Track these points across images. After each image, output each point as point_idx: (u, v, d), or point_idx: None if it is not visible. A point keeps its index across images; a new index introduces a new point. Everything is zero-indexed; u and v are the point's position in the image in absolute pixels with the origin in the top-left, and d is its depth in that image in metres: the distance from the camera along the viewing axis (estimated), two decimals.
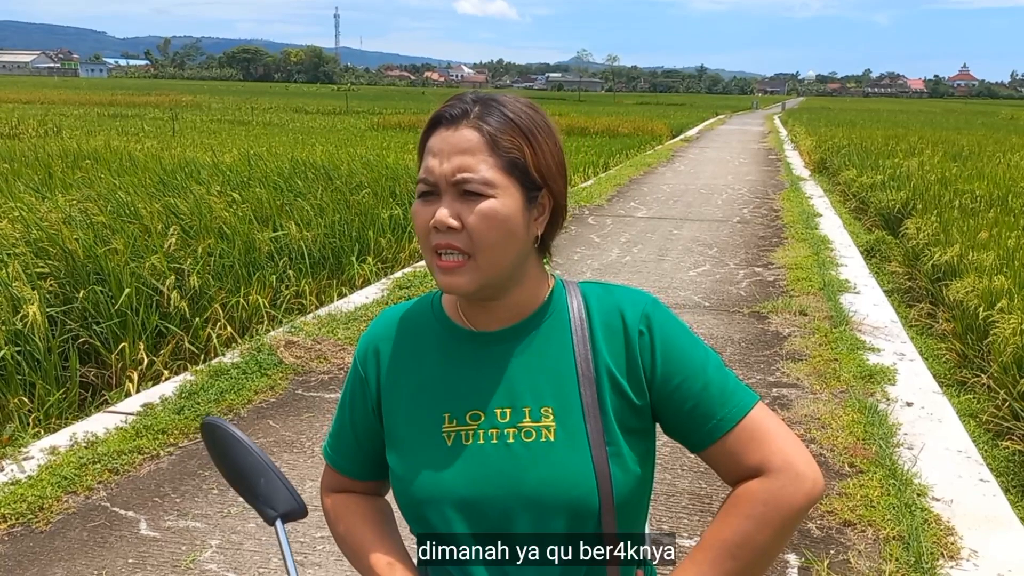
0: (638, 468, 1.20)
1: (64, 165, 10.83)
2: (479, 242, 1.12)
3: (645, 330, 1.19)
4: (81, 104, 41.43)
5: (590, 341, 1.20)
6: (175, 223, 6.80)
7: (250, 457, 1.23)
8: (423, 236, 1.16)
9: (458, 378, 1.22)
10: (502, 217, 1.12)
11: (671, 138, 30.52)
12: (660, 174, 17.51)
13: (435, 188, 1.14)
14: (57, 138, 19.24)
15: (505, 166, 1.13)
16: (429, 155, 1.15)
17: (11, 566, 3.05)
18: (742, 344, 5.78)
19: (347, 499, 1.34)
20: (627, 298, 1.23)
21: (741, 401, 1.19)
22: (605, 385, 1.18)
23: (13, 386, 4.83)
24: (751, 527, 1.12)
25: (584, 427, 1.16)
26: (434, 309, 1.28)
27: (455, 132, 1.14)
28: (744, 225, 11.05)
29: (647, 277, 7.86)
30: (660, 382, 1.18)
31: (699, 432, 1.19)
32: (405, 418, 1.24)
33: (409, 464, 1.21)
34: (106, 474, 3.75)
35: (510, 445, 1.17)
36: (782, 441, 1.16)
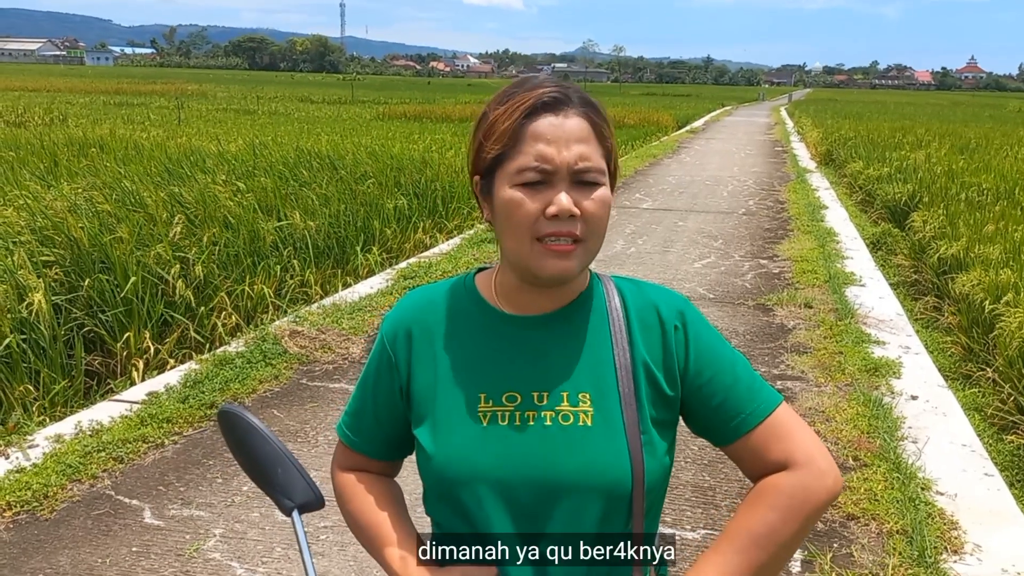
0: (666, 458, 1.22)
1: (70, 153, 10.84)
2: (593, 228, 1.14)
3: (680, 326, 1.23)
4: (87, 92, 41.45)
5: (627, 333, 1.22)
6: (180, 212, 6.80)
7: (267, 446, 1.22)
8: (526, 224, 1.13)
9: (495, 360, 1.23)
10: (609, 204, 1.16)
11: (677, 129, 30.43)
12: (665, 165, 17.47)
13: (549, 176, 1.13)
14: (63, 126, 19.25)
15: (606, 156, 1.17)
16: (539, 142, 1.13)
17: (16, 553, 3.06)
18: (747, 336, 5.77)
19: (359, 478, 1.34)
20: (661, 295, 1.26)
21: (767, 399, 1.22)
22: (641, 376, 1.21)
23: (19, 374, 4.84)
24: (776, 518, 1.15)
25: (621, 414, 1.18)
26: (468, 291, 1.29)
27: (565, 119, 1.14)
28: (750, 217, 11.02)
29: (652, 269, 7.84)
30: (692, 376, 1.22)
31: (726, 427, 1.22)
32: (439, 399, 1.24)
33: (442, 444, 1.21)
34: (111, 462, 3.76)
35: (547, 428, 1.19)
36: (805, 439, 1.20)
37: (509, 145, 1.15)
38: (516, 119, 1.15)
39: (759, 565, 1.15)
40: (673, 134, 27.91)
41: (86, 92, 41.64)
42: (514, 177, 1.14)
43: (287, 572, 2.98)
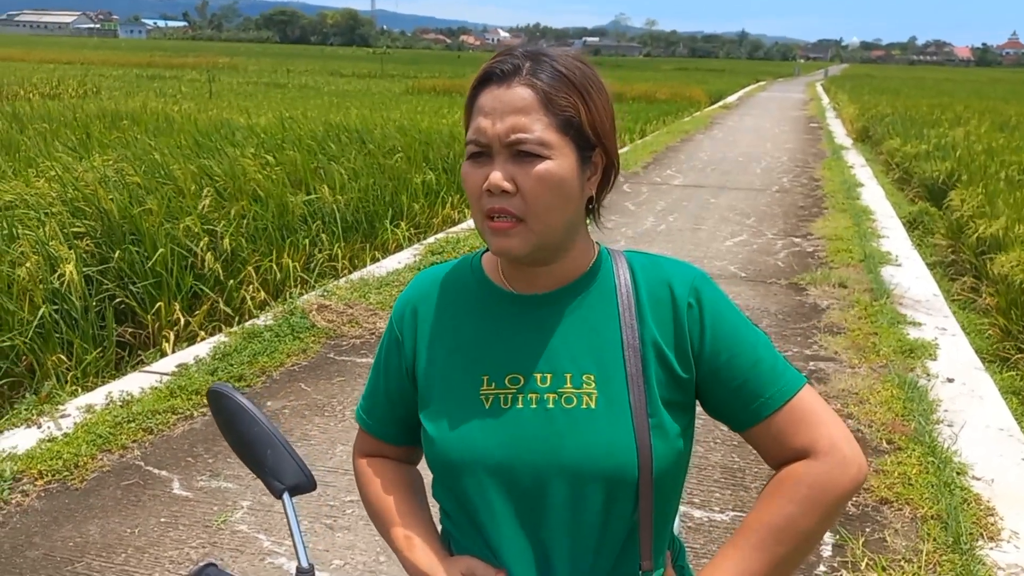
0: (678, 442, 1.16)
1: (102, 126, 10.91)
2: (534, 206, 1.08)
3: (695, 303, 1.16)
4: (120, 65, 41.73)
5: (636, 311, 1.17)
6: (209, 185, 6.81)
7: (256, 427, 1.17)
8: (474, 199, 1.11)
9: (498, 341, 1.19)
10: (557, 179, 1.08)
11: (710, 105, 30.06)
12: (698, 141, 17.27)
13: (487, 149, 1.09)
14: (96, 99, 19.39)
15: (560, 125, 1.08)
16: (480, 114, 1.10)
17: (47, 522, 3.09)
18: (779, 316, 5.68)
19: (377, 464, 1.32)
20: (675, 270, 1.19)
21: (790, 382, 1.15)
22: (650, 356, 1.15)
23: (51, 344, 4.89)
24: (796, 511, 1.09)
25: (627, 396, 1.13)
26: (474, 270, 1.25)
27: (507, 90, 1.09)
28: (783, 194, 10.86)
29: (682, 246, 7.75)
30: (709, 357, 1.15)
31: (745, 410, 1.15)
32: (441, 380, 1.21)
33: (445, 426, 1.18)
34: (140, 433, 3.78)
35: (550, 411, 1.14)
36: (829, 425, 1.14)
37: (467, 118, 1.14)
38: (471, 91, 1.14)
39: (779, 559, 1.09)
40: (706, 109, 27.59)
41: (119, 65, 41.92)
42: (465, 151, 1.13)
43: (312, 545, 2.99)
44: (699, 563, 2.93)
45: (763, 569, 1.09)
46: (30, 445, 3.62)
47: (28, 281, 4.95)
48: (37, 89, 22.80)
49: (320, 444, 3.75)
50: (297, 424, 3.95)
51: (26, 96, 20.33)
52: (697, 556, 2.98)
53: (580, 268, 1.19)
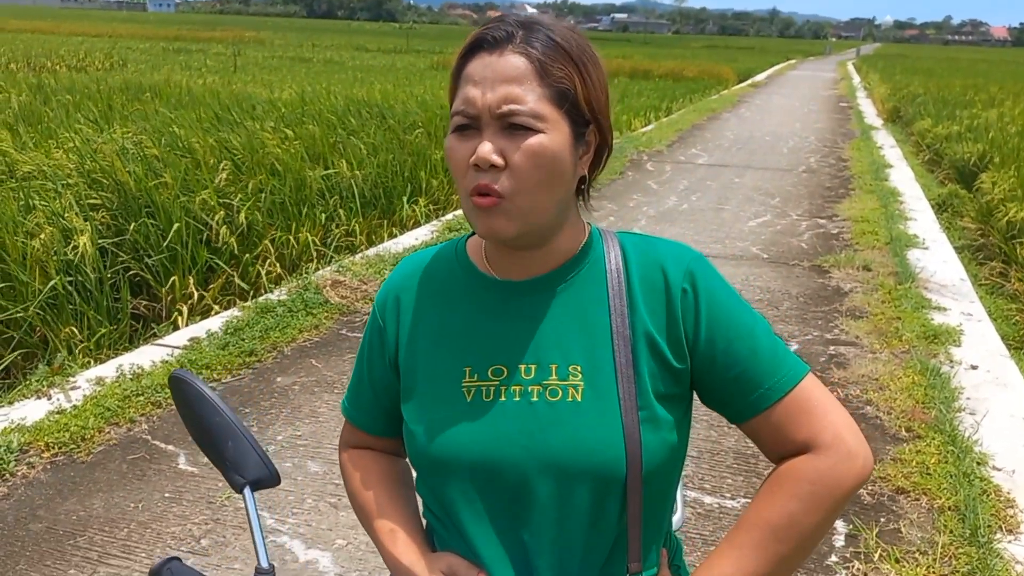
0: (672, 435, 1.09)
1: (124, 98, 10.92)
2: (524, 183, 1.01)
3: (689, 288, 1.08)
4: (148, 38, 41.89)
5: (627, 297, 1.10)
6: (227, 158, 6.78)
7: (218, 417, 1.11)
8: (460, 175, 1.04)
9: (481, 330, 1.12)
10: (550, 155, 1.01)
11: (738, 83, 29.67)
12: (724, 120, 17.03)
13: (475, 121, 1.01)
14: (122, 71, 19.45)
15: (555, 97, 1.01)
16: (468, 83, 1.02)
17: (51, 495, 3.08)
18: (800, 299, 5.57)
19: (362, 456, 1.27)
20: (669, 252, 1.12)
21: (791, 370, 1.08)
22: (641, 345, 1.08)
23: (64, 316, 4.89)
24: (797, 508, 1.03)
25: (616, 388, 1.06)
26: (458, 255, 1.18)
27: (500, 58, 1.01)
28: (810, 175, 10.68)
29: (704, 227, 7.64)
30: (704, 345, 1.08)
31: (743, 401, 1.08)
32: (424, 372, 1.15)
33: (425, 420, 1.12)
34: (149, 407, 3.77)
35: (534, 404, 1.08)
36: (834, 416, 1.07)
37: (454, 88, 1.06)
38: (459, 59, 1.06)
39: (781, 557, 1.03)
40: (734, 88, 27.22)
41: (147, 38, 42.08)
42: (451, 123, 1.05)
43: (316, 524, 2.96)
44: (708, 551, 2.87)
45: (763, 568, 1.03)
46: (39, 416, 3.62)
47: (42, 252, 4.95)
48: (64, 61, 22.93)
49: (328, 421, 3.72)
50: (306, 401, 3.92)
51: (53, 68, 20.44)
52: (706, 543, 2.92)
53: (569, 252, 1.12)
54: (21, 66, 20.03)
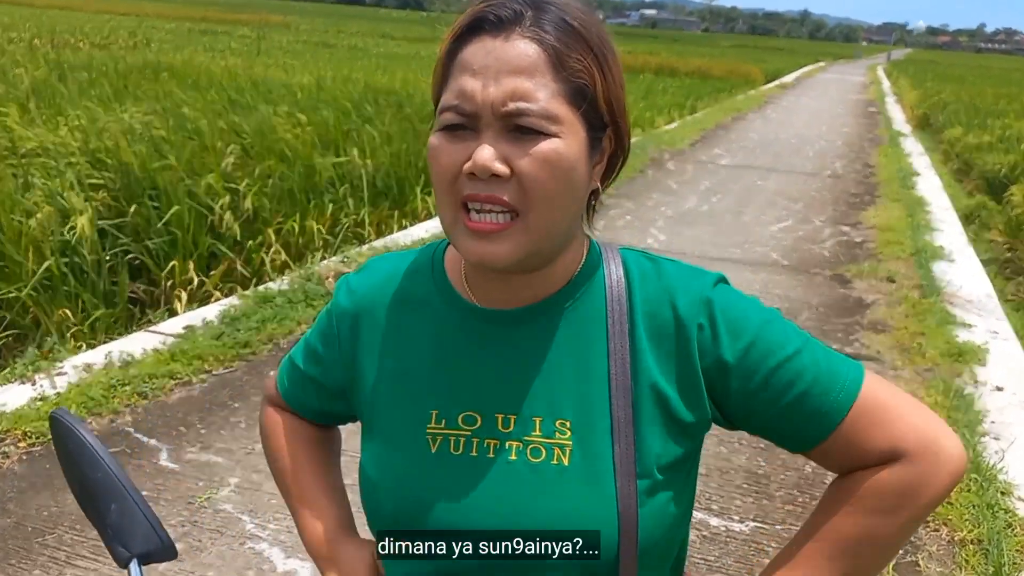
0: (675, 506, 0.91)
1: (142, 78, 10.81)
2: (535, 196, 0.82)
3: (706, 323, 0.90)
4: (174, 18, 41.93)
5: (629, 336, 0.90)
6: (236, 142, 6.64)
7: (100, 473, 0.89)
8: (445, 184, 0.85)
9: (453, 367, 0.93)
10: (567, 163, 0.83)
11: (765, 84, 29.31)
12: (749, 121, 16.76)
13: (472, 120, 0.83)
14: (145, 51, 19.39)
15: (570, 95, 0.83)
16: (464, 73, 0.83)
17: (24, 487, 2.94)
18: (820, 310, 5.37)
19: (289, 419, 1.11)
20: (680, 282, 0.92)
21: (848, 380, 0.90)
22: (645, 396, 0.89)
23: (58, 298, 4.76)
24: (882, 522, 0.89)
25: (611, 451, 0.88)
26: (435, 270, 0.98)
27: (505, 43, 0.82)
28: (835, 180, 10.43)
29: (723, 230, 7.43)
30: (738, 383, 0.89)
31: (802, 432, 0.91)
32: (384, 408, 0.96)
33: (382, 467, 0.94)
34: (134, 398, 3.63)
35: (511, 464, 0.89)
36: (911, 415, 0.90)
37: (443, 77, 0.87)
38: (451, 42, 0.86)
39: (857, 570, 0.89)
40: (761, 88, 26.89)
41: (173, 18, 42.13)
42: (439, 120, 0.85)
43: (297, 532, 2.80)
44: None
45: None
46: (20, 403, 3.48)
47: (39, 232, 4.82)
48: (88, 38, 22.90)
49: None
50: None
51: (76, 45, 20.41)
52: (711, 570, 2.74)
53: (564, 277, 0.93)
54: (44, 42, 20.01)
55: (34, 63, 11.72)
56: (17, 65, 11.19)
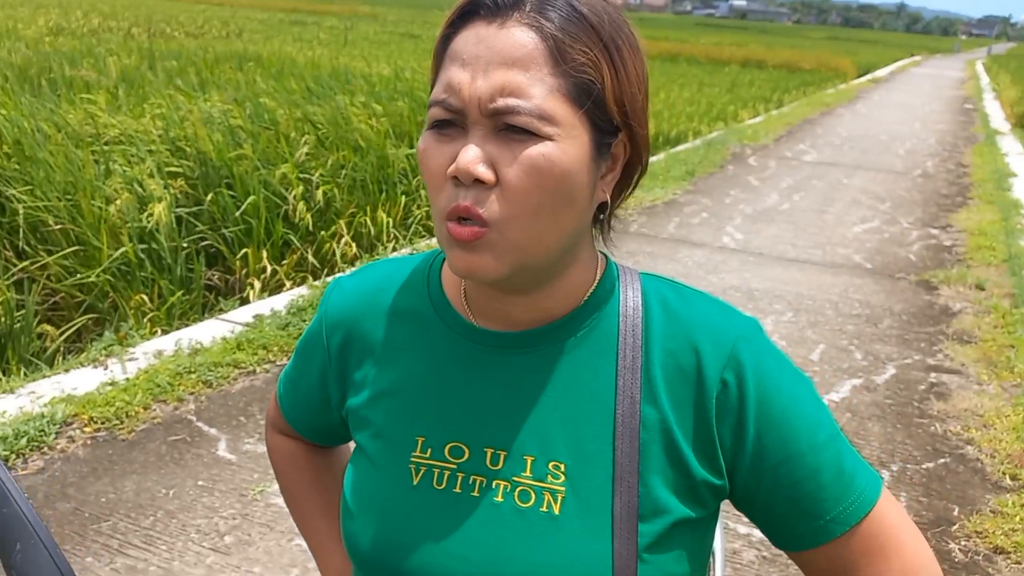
0: (683, 567, 0.82)
1: (228, 67, 11.04)
2: (519, 208, 0.73)
3: (732, 380, 0.79)
4: (267, 8, 42.91)
5: (642, 373, 0.80)
6: (311, 132, 6.70)
7: (6, 508, 0.77)
8: (434, 188, 0.77)
9: (445, 391, 0.85)
10: (559, 172, 0.73)
11: (857, 77, 28.38)
12: (838, 116, 16.23)
13: (459, 116, 0.74)
14: (236, 40, 19.86)
15: (572, 91, 0.73)
16: (454, 64, 0.75)
17: (85, 473, 3.00)
18: (902, 317, 5.13)
19: (294, 450, 1.08)
20: (709, 324, 0.82)
21: (862, 493, 0.81)
22: (654, 443, 0.80)
23: (135, 284, 4.88)
24: None
25: (610, 501, 0.78)
26: (430, 284, 0.90)
27: (499, 30, 0.73)
28: (925, 179, 10.00)
29: (804, 229, 7.18)
30: (749, 460, 0.80)
31: (796, 531, 0.82)
32: (370, 430, 0.89)
33: (361, 497, 0.87)
34: (199, 386, 3.68)
35: (497, 507, 0.80)
36: (910, 554, 0.81)
37: (436, 68, 0.78)
38: (444, 28, 0.78)
39: None
40: (852, 82, 26.05)
41: (265, 8, 43.10)
42: (427, 116, 0.77)
43: None
44: None
45: None
46: (90, 388, 3.57)
47: (117, 218, 4.94)
48: (183, 27, 23.60)
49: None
50: None
51: (171, 34, 21.05)
52: None
53: (573, 299, 0.83)
54: (141, 31, 20.69)
55: (126, 51, 12.09)
56: (110, 53, 11.56)
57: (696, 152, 10.32)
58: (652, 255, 6.07)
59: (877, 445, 3.53)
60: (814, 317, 4.99)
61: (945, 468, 3.38)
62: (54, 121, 6.27)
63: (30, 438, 3.09)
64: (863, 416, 3.77)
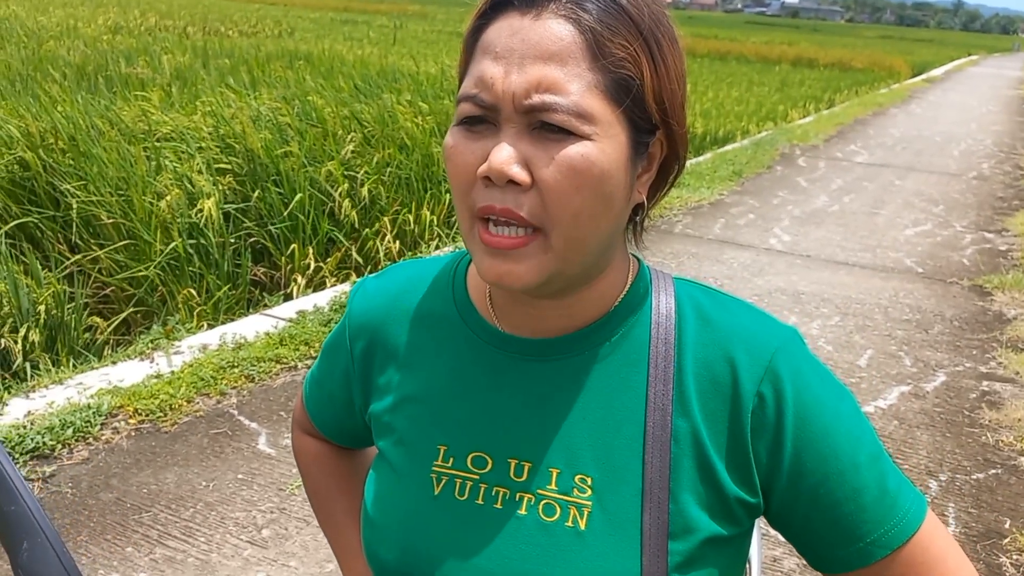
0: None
1: (279, 65, 11.18)
2: (558, 210, 0.70)
3: (769, 394, 0.76)
4: (319, 8, 43.39)
5: (675, 384, 0.77)
6: (357, 130, 6.74)
7: (14, 505, 0.78)
8: (462, 189, 0.73)
9: (468, 399, 0.83)
10: (599, 172, 0.69)
11: (911, 77, 27.80)
12: (891, 116, 15.90)
13: (491, 112, 0.71)
14: (288, 39, 20.11)
15: (611, 88, 0.70)
16: (486, 56, 0.71)
17: (129, 464, 3.05)
18: (954, 323, 5.00)
19: (320, 452, 1.06)
20: (747, 334, 0.78)
21: (906, 515, 0.77)
22: (685, 457, 0.76)
23: (184, 278, 4.95)
24: None
25: (639, 516, 0.75)
26: (456, 290, 0.87)
27: (535, 22, 0.70)
28: (981, 182, 9.75)
29: (854, 232, 7.04)
30: (786, 479, 0.76)
31: (834, 553, 0.78)
32: (392, 436, 0.87)
33: (383, 505, 0.84)
34: (241, 380, 3.72)
35: (520, 520, 0.77)
36: None
37: (465, 61, 0.75)
38: (475, 20, 0.74)
39: None
40: (906, 82, 25.51)
41: (317, 7, 43.59)
42: (456, 112, 0.74)
43: None
44: None
45: None
46: (136, 380, 3.63)
47: (167, 213, 5.02)
48: (237, 26, 23.96)
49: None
50: None
51: (225, 33, 21.39)
52: None
53: (603, 305, 0.80)
54: (197, 30, 21.06)
55: (181, 49, 12.31)
56: (165, 51, 11.78)
57: (744, 152, 10.19)
58: (696, 256, 6.00)
59: (925, 454, 3.44)
60: (862, 321, 4.89)
61: (996, 479, 3.29)
62: (108, 118, 6.40)
63: (76, 428, 3.15)
64: (911, 424, 3.68)
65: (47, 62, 10.33)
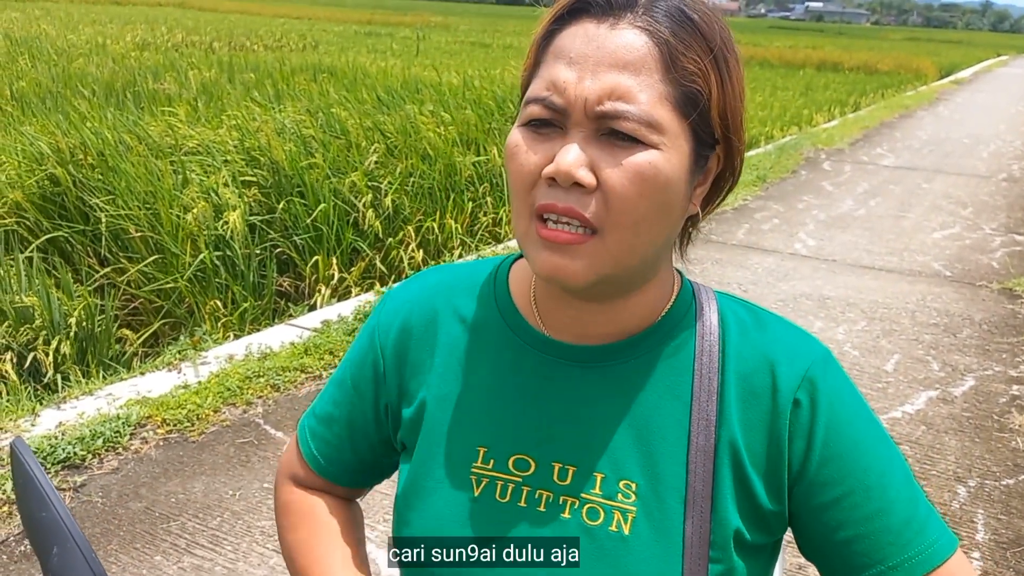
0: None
1: (303, 78, 11.29)
2: (621, 214, 0.71)
3: (805, 400, 0.78)
4: (342, 21, 43.76)
5: (718, 395, 0.79)
6: (380, 141, 6.80)
7: (45, 512, 0.81)
8: (522, 188, 0.75)
9: (510, 402, 0.84)
10: (663, 181, 0.72)
11: (939, 79, 27.52)
12: (918, 118, 15.75)
13: (560, 117, 0.72)
14: (312, 53, 20.30)
15: (680, 101, 0.72)
16: (559, 61, 0.73)
17: (157, 473, 3.09)
18: (983, 327, 4.94)
19: (314, 502, 0.98)
20: (786, 346, 0.81)
21: (933, 546, 0.76)
22: (725, 467, 0.78)
23: (211, 290, 5.01)
24: None
25: (682, 523, 0.76)
26: (497, 291, 0.88)
27: (611, 31, 0.72)
28: (1011, 184, 9.63)
29: (880, 236, 6.98)
30: (811, 486, 0.77)
31: (852, 573, 0.77)
32: (428, 438, 0.87)
33: (420, 505, 0.85)
34: (267, 390, 3.76)
35: (564, 523, 0.79)
36: None
37: (535, 63, 0.76)
38: (547, 24, 0.75)
39: None
40: (933, 84, 25.26)
41: (341, 21, 43.94)
42: (523, 112, 0.75)
43: None
44: None
45: None
46: (164, 390, 3.67)
47: (194, 226, 5.09)
48: (262, 41, 24.23)
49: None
50: None
51: (251, 47, 21.63)
52: None
53: (650, 315, 0.82)
54: (222, 45, 21.32)
55: (207, 64, 12.47)
56: (192, 67, 11.94)
57: (768, 157, 10.14)
58: (720, 262, 5.98)
59: (953, 459, 3.40)
60: (889, 326, 4.84)
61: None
62: (136, 133, 6.50)
63: (106, 439, 3.20)
64: (939, 429, 3.64)
65: (76, 79, 10.52)
